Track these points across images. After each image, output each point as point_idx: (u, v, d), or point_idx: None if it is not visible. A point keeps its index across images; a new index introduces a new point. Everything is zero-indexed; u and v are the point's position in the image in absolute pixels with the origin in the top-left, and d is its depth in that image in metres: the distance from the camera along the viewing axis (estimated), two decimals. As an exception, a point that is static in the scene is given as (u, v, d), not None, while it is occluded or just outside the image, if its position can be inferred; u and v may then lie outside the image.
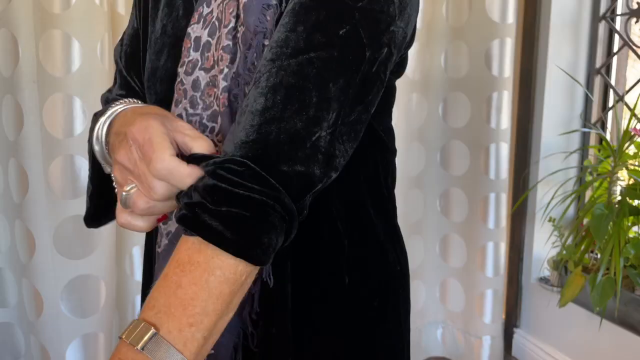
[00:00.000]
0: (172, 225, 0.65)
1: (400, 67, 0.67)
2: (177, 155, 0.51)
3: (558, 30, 1.85)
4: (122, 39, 0.75)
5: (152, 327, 0.44)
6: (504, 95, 1.81)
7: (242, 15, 0.59)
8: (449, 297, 2.03)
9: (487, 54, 1.79)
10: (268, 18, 0.57)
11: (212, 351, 0.60)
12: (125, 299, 1.70)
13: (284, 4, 0.57)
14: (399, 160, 0.76)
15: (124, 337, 0.45)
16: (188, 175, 0.50)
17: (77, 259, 1.46)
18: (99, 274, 1.48)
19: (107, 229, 1.49)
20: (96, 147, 0.60)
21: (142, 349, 0.44)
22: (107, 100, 0.72)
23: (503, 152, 1.84)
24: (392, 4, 0.53)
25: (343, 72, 0.51)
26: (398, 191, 2.05)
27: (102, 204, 0.66)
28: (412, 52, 1.80)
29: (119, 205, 0.55)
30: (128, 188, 0.53)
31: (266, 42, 0.57)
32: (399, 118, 1.81)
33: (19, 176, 1.42)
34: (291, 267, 0.61)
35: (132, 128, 0.52)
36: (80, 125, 1.42)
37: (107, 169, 0.61)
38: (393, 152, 0.71)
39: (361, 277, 0.65)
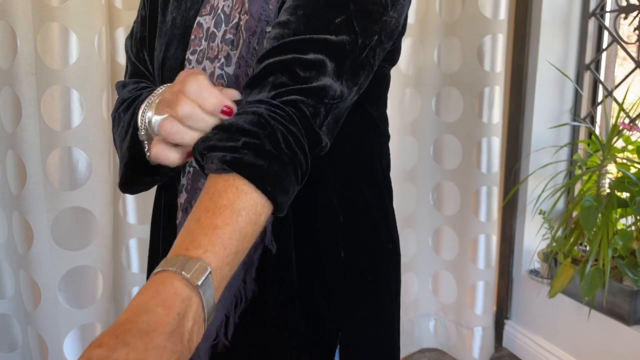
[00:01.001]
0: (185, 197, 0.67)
1: (393, 56, 0.71)
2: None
3: (549, 26, 1.88)
4: (132, 32, 0.78)
5: (208, 267, 0.44)
6: (496, 90, 1.84)
7: (246, 4, 0.62)
8: (441, 289, 2.06)
9: (480, 49, 1.81)
10: (271, 7, 0.61)
11: None
12: (122, 290, 1.71)
13: None
14: (392, 154, 0.79)
15: (183, 272, 0.43)
16: (214, 95, 0.53)
17: (74, 250, 1.47)
18: (96, 265, 1.50)
19: (104, 221, 1.50)
20: (142, 132, 0.61)
21: (200, 285, 0.43)
22: (124, 85, 0.74)
23: (495, 146, 1.87)
24: None
25: (337, 56, 0.56)
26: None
27: (136, 172, 0.68)
28: (405, 48, 1.83)
29: (155, 137, 0.58)
30: (160, 117, 0.56)
31: (268, 29, 0.60)
32: (392, 112, 1.82)
33: (17, 168, 1.43)
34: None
35: (186, 85, 0.54)
36: (78, 117, 1.43)
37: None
38: (387, 137, 0.76)
39: (355, 253, 0.69)
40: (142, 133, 0.61)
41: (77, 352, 1.53)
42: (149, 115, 0.59)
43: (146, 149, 0.62)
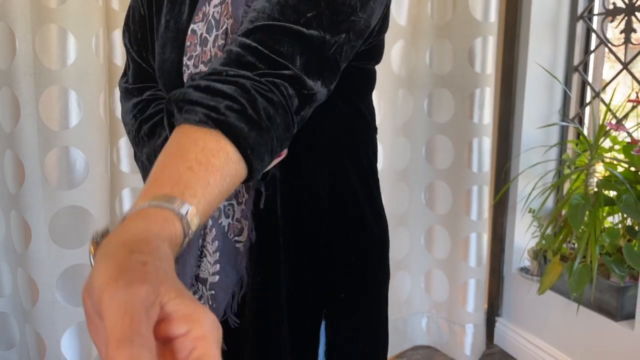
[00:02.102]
0: None
1: (374, 53, 0.75)
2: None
3: (538, 29, 1.92)
4: (126, 24, 0.80)
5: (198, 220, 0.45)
6: (487, 92, 1.87)
7: (230, 9, 0.66)
8: (433, 287, 2.09)
9: (471, 51, 1.85)
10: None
11: (213, 291, 0.68)
12: (118, 289, 1.72)
13: None
14: (385, 155, 0.83)
15: (186, 218, 0.43)
16: None
17: (72, 249, 1.49)
18: (94, 263, 1.51)
19: (102, 219, 1.52)
20: None
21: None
22: (127, 91, 0.78)
23: (485, 146, 1.91)
24: None
25: (306, 50, 0.59)
26: (384, 184, 2.12)
27: None
28: (398, 50, 1.86)
29: None
30: None
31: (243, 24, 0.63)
32: (385, 114, 1.86)
33: (15, 167, 1.45)
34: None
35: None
36: (76, 117, 1.45)
37: None
38: (374, 128, 0.79)
39: (339, 237, 0.73)
40: None
41: (75, 349, 1.54)
42: None
43: None
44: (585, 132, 1.91)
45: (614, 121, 1.76)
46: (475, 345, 2.03)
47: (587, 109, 1.96)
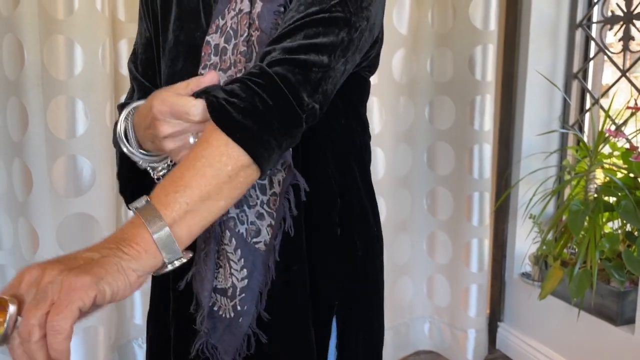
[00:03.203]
0: None
1: (373, 64, 0.81)
2: None
3: (537, 37, 1.94)
4: (134, 51, 0.86)
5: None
6: (487, 99, 1.89)
7: (256, 22, 0.70)
8: (435, 292, 2.11)
9: (471, 59, 1.87)
10: (280, 22, 0.69)
11: (243, 294, 0.72)
12: (124, 294, 1.74)
13: (288, 6, 0.69)
14: (387, 161, 0.88)
15: (156, 237, 0.53)
16: (178, 94, 0.62)
17: (79, 255, 1.51)
18: (100, 269, 1.53)
19: (109, 226, 1.54)
20: (124, 149, 0.70)
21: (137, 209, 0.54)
22: (123, 107, 0.80)
23: (486, 152, 1.92)
24: None
25: (329, 31, 0.64)
26: (386, 191, 2.13)
27: (136, 185, 0.76)
28: (399, 58, 1.88)
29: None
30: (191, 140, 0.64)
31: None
32: (387, 120, 1.88)
33: (23, 175, 1.47)
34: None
35: (153, 110, 0.63)
36: (83, 126, 1.48)
37: (143, 165, 0.72)
38: (369, 136, 0.86)
39: (349, 232, 0.78)
40: (126, 150, 0.71)
41: (81, 355, 1.56)
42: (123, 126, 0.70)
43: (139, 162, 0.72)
44: (585, 138, 1.93)
45: (613, 127, 1.78)
46: (477, 350, 2.04)
47: (587, 116, 1.97)
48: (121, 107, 0.81)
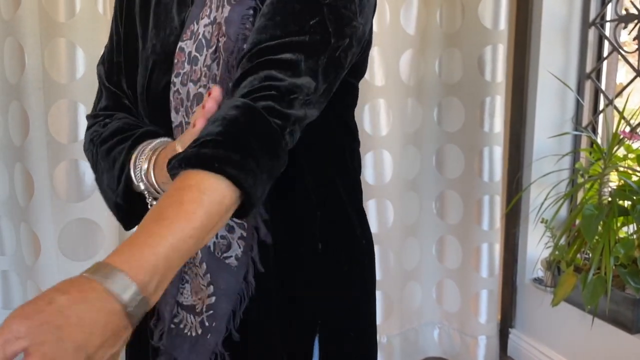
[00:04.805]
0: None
1: (359, 69, 0.77)
2: None
3: (549, 36, 1.90)
4: (103, 57, 0.81)
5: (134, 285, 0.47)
6: (497, 100, 1.85)
7: (223, 28, 0.66)
8: (445, 297, 2.07)
9: (480, 59, 1.83)
10: (247, 26, 0.65)
11: (211, 311, 0.69)
12: (127, 300, 1.73)
13: (259, 12, 0.65)
14: (395, 165, 0.84)
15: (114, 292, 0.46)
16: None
17: (81, 261, 1.50)
18: (103, 275, 1.52)
19: (111, 231, 1.52)
20: (142, 186, 0.67)
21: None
22: (95, 117, 0.78)
23: (496, 155, 1.89)
24: (353, 3, 0.64)
25: (311, 54, 0.61)
26: (394, 194, 2.09)
27: (135, 212, 0.73)
28: (406, 59, 1.85)
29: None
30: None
31: (245, 46, 0.64)
32: (394, 123, 1.85)
33: (24, 180, 1.46)
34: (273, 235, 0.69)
35: None
36: (84, 130, 1.46)
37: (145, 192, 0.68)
38: (358, 142, 0.81)
39: (332, 246, 0.74)
40: (142, 187, 0.67)
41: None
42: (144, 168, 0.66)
43: (147, 198, 0.68)
44: (599, 140, 1.88)
45: (627, 129, 1.73)
46: (488, 357, 2.00)
47: (600, 117, 1.92)
48: (92, 117, 0.78)
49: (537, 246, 1.97)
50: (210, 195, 0.51)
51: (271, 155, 0.57)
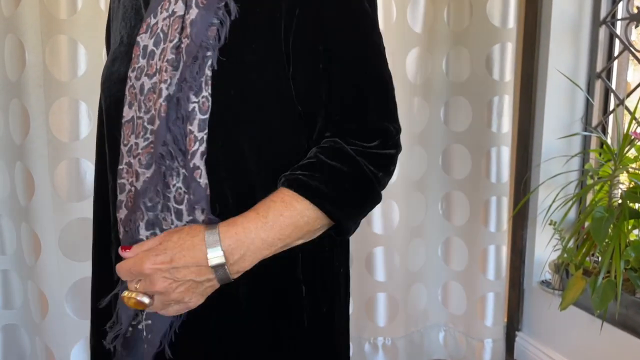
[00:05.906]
0: None
1: None
2: None
3: (558, 34, 1.87)
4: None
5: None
6: (505, 100, 1.82)
7: (188, 30, 0.65)
8: (450, 300, 2.04)
9: (488, 58, 1.80)
10: (209, 33, 0.64)
11: (149, 321, 0.68)
12: (129, 301, 1.71)
13: (226, 23, 0.64)
14: (401, 164, 0.82)
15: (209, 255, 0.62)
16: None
17: (82, 261, 1.48)
18: (104, 276, 1.50)
19: (112, 232, 1.51)
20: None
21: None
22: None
23: (504, 155, 1.86)
24: (376, 27, 0.81)
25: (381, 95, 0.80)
26: (400, 195, 2.06)
27: None
28: (413, 57, 1.82)
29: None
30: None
31: (208, 54, 0.64)
32: (400, 122, 1.82)
33: (25, 179, 1.44)
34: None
35: None
36: (86, 128, 1.44)
37: None
38: None
39: (312, 286, 0.73)
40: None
41: None
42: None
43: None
44: (609, 141, 1.85)
45: (639, 130, 1.70)
46: (494, 360, 1.97)
47: (611, 117, 1.89)
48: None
49: (545, 249, 1.94)
50: (303, 218, 0.65)
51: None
